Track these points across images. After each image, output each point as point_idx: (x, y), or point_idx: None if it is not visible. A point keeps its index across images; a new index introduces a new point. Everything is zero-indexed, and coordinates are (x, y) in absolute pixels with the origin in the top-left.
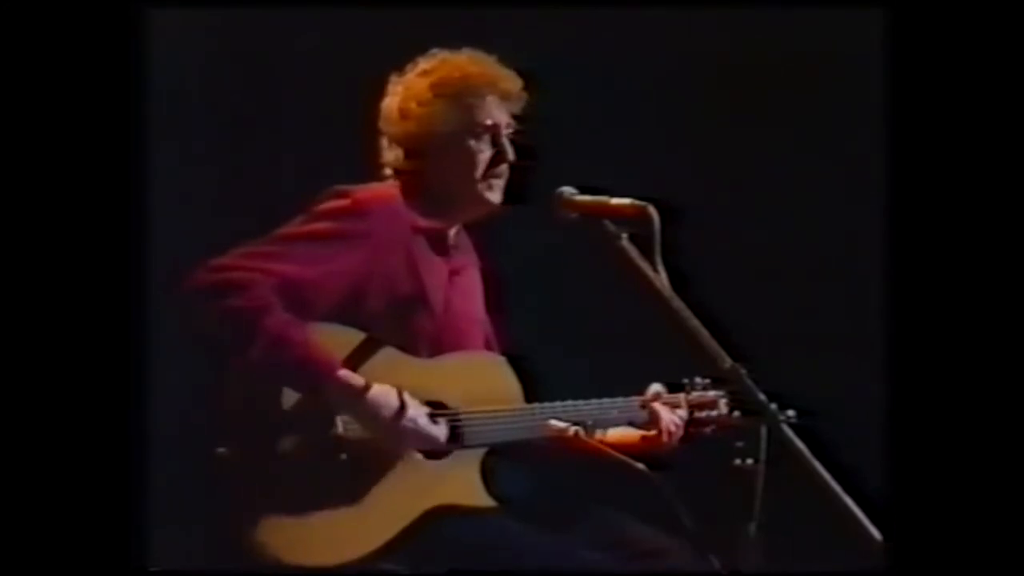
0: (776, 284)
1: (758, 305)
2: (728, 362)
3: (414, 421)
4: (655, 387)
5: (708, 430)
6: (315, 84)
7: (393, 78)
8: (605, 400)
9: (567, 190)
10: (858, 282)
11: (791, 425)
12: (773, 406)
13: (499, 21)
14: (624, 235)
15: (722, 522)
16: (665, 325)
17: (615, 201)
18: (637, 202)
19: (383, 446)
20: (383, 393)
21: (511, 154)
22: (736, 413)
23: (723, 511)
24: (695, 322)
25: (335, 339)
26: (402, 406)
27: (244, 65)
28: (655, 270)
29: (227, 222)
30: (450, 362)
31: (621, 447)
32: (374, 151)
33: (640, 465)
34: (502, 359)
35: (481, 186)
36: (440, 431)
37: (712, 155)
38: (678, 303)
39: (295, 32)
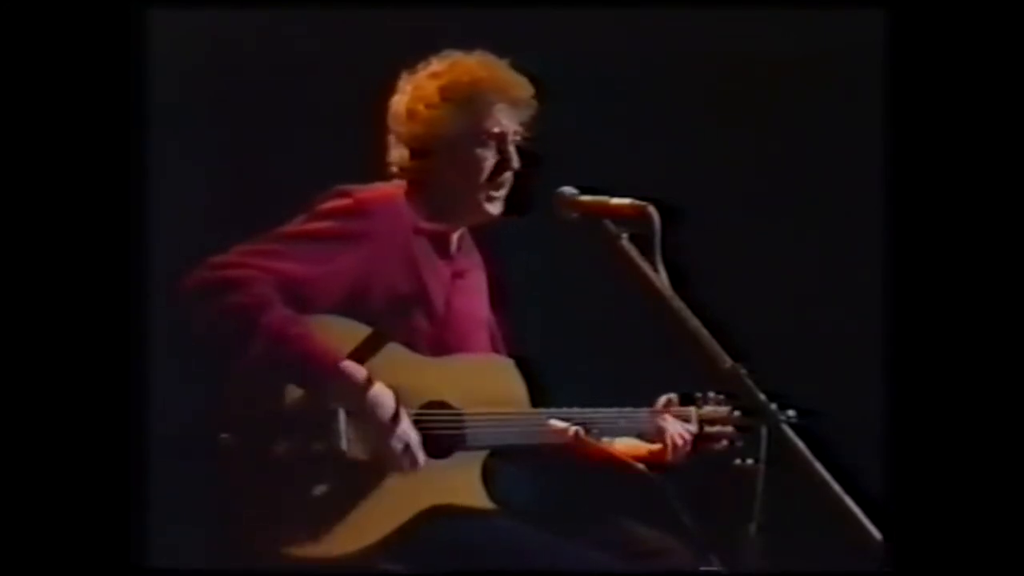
0: (776, 284)
1: (758, 305)
2: (728, 362)
3: (404, 435)
4: (666, 397)
5: (718, 446)
6: (316, 84)
7: (404, 75)
8: (612, 409)
9: (567, 190)
10: (858, 282)
11: (791, 425)
12: (773, 406)
13: (498, 21)
14: (624, 235)
15: (722, 522)
16: (665, 325)
17: (615, 201)
18: (637, 202)
19: (374, 446)
20: (382, 394)
21: (516, 162)
22: (736, 412)
23: (723, 511)
24: (695, 322)
25: (343, 332)
26: (396, 415)
27: (245, 65)
28: (655, 270)
29: (227, 222)
30: (457, 362)
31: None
32: (376, 151)
33: (641, 466)
34: (509, 361)
35: (482, 195)
36: (420, 457)
37: (712, 155)
38: (678, 303)
39: (296, 32)
